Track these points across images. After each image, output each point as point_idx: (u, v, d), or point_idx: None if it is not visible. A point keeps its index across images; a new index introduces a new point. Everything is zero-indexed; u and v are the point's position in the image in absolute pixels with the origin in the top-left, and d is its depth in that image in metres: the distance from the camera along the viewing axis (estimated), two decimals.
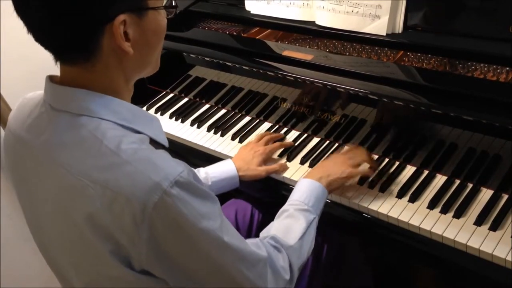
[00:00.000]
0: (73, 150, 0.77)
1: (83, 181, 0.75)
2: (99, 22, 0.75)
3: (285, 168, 1.30)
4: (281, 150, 1.35)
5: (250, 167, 1.27)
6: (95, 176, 0.74)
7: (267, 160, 1.31)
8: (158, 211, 0.72)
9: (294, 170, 1.29)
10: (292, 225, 1.01)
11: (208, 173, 1.24)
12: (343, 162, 1.17)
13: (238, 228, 1.34)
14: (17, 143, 0.87)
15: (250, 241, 0.88)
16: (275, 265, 0.89)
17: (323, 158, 1.30)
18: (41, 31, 0.76)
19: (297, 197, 1.07)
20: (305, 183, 1.11)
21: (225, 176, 1.25)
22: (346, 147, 1.30)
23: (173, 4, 0.86)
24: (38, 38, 0.77)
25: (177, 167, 0.75)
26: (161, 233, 0.73)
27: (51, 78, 0.83)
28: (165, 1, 0.85)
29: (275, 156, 1.34)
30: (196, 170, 1.24)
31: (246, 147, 1.34)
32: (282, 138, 1.40)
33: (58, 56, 0.80)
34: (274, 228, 1.01)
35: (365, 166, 1.19)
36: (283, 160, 1.32)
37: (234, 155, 1.34)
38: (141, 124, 0.82)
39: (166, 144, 0.87)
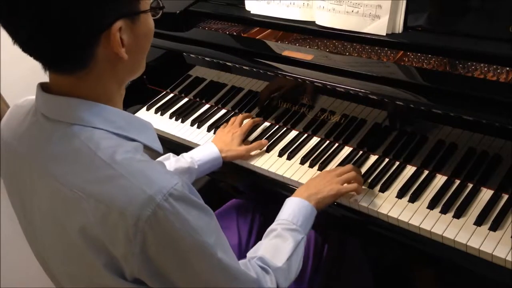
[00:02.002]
0: (66, 162, 0.76)
1: (76, 194, 0.74)
2: (95, 31, 0.73)
3: (264, 144, 1.36)
4: (280, 149, 1.35)
5: (231, 148, 1.33)
6: (88, 189, 0.74)
7: (244, 139, 1.38)
8: (150, 225, 0.71)
9: (294, 170, 1.29)
10: (280, 245, 1.00)
11: (193, 158, 1.27)
12: (332, 180, 1.14)
13: (239, 229, 1.34)
14: (10, 153, 0.86)
15: (239, 262, 0.87)
16: (263, 287, 0.89)
17: (322, 159, 1.30)
18: (30, 43, 0.73)
19: (285, 216, 1.06)
20: (293, 202, 1.09)
21: (209, 158, 1.29)
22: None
23: (161, 5, 0.85)
24: (27, 50, 0.75)
25: (171, 180, 0.74)
26: (153, 248, 0.73)
27: (42, 87, 0.82)
28: (150, 1, 0.82)
29: (274, 157, 1.35)
30: (180, 156, 1.27)
31: (223, 130, 1.40)
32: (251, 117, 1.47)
33: (48, 66, 0.78)
34: (262, 248, 0.99)
35: (353, 184, 1.15)
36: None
37: (213, 138, 1.39)
38: (135, 132, 0.81)
39: (161, 150, 0.86)
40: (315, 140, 1.37)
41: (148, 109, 1.64)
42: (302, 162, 1.31)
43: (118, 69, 0.80)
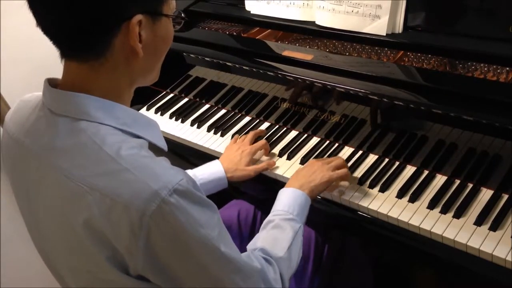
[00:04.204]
0: (73, 156, 0.77)
1: (82, 187, 0.74)
2: (117, 18, 0.75)
3: (272, 165, 1.30)
4: (280, 149, 1.35)
5: (238, 168, 1.27)
6: (94, 182, 0.74)
7: (253, 158, 1.32)
8: (155, 220, 0.71)
9: (294, 170, 1.28)
10: (279, 235, 1.00)
11: (196, 175, 1.24)
12: (321, 167, 1.16)
13: (240, 230, 1.34)
14: (16, 147, 0.86)
15: (242, 254, 0.87)
16: (267, 277, 0.89)
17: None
18: (54, 23, 0.75)
19: (281, 207, 1.07)
20: (287, 192, 1.10)
21: (213, 178, 1.25)
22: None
23: (182, 15, 0.87)
24: (49, 31, 0.76)
25: (176, 175, 0.74)
26: (158, 242, 0.73)
27: (50, 82, 0.82)
28: (173, 9, 0.85)
29: (274, 157, 1.34)
30: None
31: (233, 147, 1.34)
32: (265, 134, 1.42)
33: (67, 52, 0.78)
34: (261, 240, 1.00)
35: (343, 170, 1.18)
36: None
37: (221, 155, 1.34)
38: (140, 129, 0.82)
39: (165, 148, 0.87)
40: (315, 140, 1.37)
41: (148, 109, 1.64)
42: (302, 162, 1.31)
43: (132, 67, 0.81)
